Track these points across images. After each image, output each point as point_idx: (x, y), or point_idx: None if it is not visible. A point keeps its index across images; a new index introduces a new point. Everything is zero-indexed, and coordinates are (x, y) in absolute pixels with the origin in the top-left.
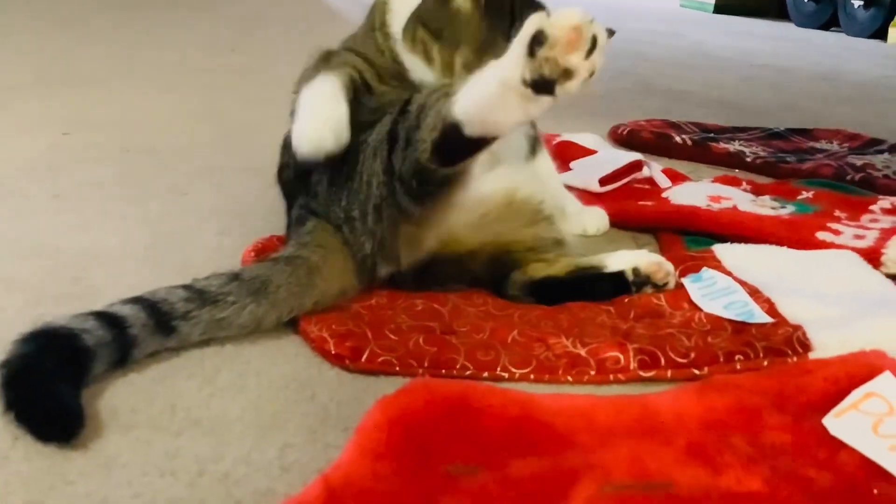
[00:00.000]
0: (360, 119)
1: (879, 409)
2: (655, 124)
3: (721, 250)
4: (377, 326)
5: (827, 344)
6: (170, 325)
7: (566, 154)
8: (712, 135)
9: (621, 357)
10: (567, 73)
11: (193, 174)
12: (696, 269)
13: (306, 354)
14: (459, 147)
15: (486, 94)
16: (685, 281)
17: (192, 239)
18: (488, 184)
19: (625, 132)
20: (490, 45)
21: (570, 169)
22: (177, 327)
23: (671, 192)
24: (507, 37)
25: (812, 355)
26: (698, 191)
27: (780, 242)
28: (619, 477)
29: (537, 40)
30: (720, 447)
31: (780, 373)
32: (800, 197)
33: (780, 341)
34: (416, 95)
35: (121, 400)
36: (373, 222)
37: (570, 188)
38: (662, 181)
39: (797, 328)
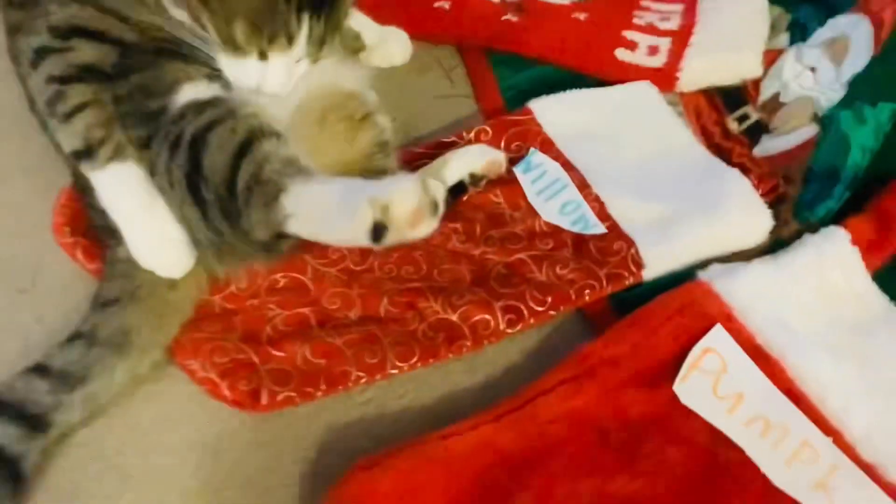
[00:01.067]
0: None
1: (716, 367)
2: None
3: (539, 110)
4: (255, 339)
5: (655, 261)
6: (45, 422)
7: None
8: None
9: (490, 320)
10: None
11: None
12: (521, 139)
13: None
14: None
15: (321, 226)
16: (517, 171)
17: None
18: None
19: None
20: (269, 12)
21: None
22: (53, 420)
23: None
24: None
25: (644, 273)
26: None
27: (582, 67)
28: None
29: (378, 229)
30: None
31: (632, 339)
32: None
33: (618, 263)
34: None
35: None
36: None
37: None
38: None
39: (630, 244)
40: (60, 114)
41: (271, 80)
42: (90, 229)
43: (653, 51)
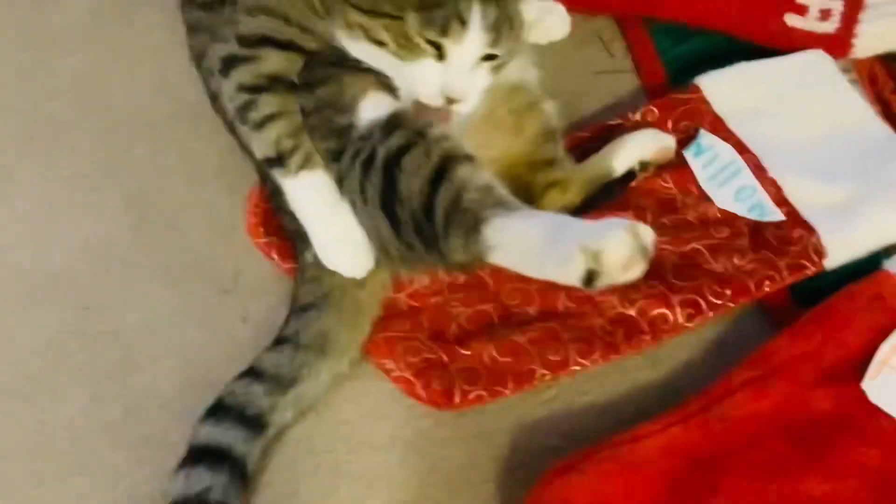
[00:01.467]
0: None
1: None
2: None
3: (708, 86)
4: (442, 337)
5: (837, 249)
6: (263, 423)
7: None
8: None
9: (669, 314)
10: None
11: None
12: (689, 119)
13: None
14: None
15: (524, 261)
16: (687, 156)
17: None
18: None
19: None
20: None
21: None
22: (271, 421)
23: None
24: None
25: (825, 262)
26: None
27: (749, 34)
28: None
29: (590, 276)
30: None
31: (818, 335)
32: None
33: (798, 252)
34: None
35: None
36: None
37: None
38: None
39: (811, 231)
40: (252, 122)
41: (458, 81)
42: (282, 229)
43: (825, 15)
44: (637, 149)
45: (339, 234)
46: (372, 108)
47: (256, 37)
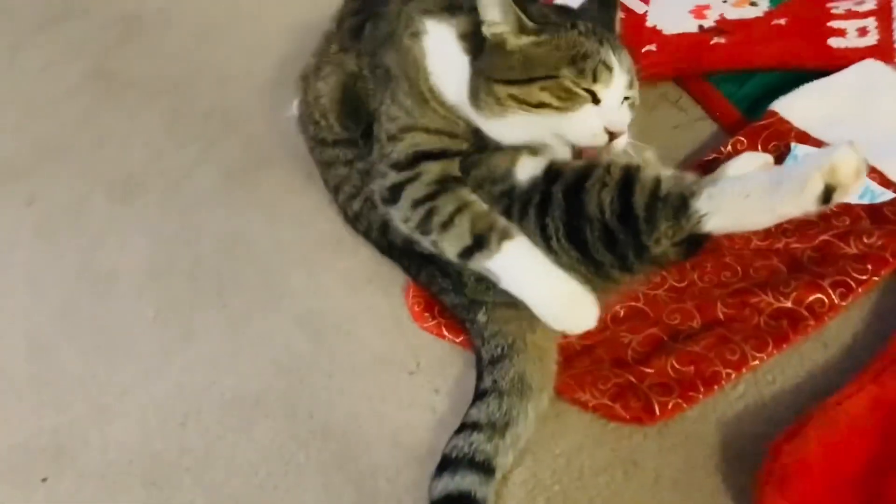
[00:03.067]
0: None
1: None
2: None
3: (784, 109)
4: (623, 363)
5: None
6: (490, 467)
7: None
8: None
9: (824, 297)
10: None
11: None
12: (776, 139)
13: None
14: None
15: (749, 213)
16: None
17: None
18: None
19: None
20: (581, 50)
21: None
22: (497, 464)
23: (656, 19)
24: (582, 33)
25: None
26: (677, 7)
27: (801, 64)
28: None
29: (828, 192)
30: None
31: None
32: None
33: None
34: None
35: None
36: None
37: None
38: (637, 5)
39: None
40: (438, 226)
41: (616, 117)
42: (444, 311)
43: (862, 32)
44: (742, 169)
45: (561, 291)
46: (529, 168)
47: (409, 157)
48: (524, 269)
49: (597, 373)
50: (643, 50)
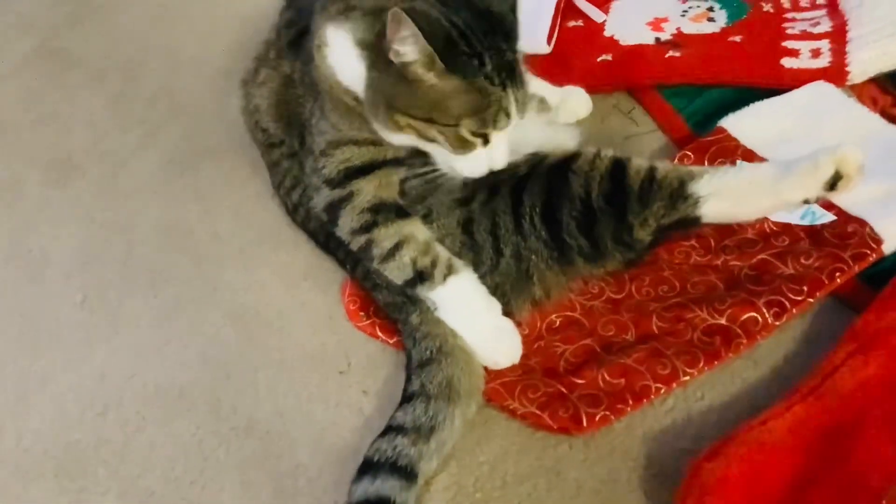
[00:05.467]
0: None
1: None
2: None
3: (732, 126)
4: (554, 373)
5: (891, 234)
6: (413, 473)
7: None
8: None
9: (758, 316)
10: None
11: None
12: (722, 155)
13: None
14: (681, 228)
15: (749, 198)
16: None
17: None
18: None
19: None
20: (485, 100)
21: None
22: (420, 470)
23: (613, 29)
24: (488, 76)
25: (884, 247)
26: (635, 18)
27: (753, 82)
28: None
29: (835, 179)
30: None
31: None
32: None
33: (857, 243)
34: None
35: None
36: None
37: None
38: (595, 14)
39: (863, 224)
40: (378, 258)
41: (499, 157)
42: (379, 311)
43: (815, 53)
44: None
45: (493, 327)
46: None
47: (341, 174)
48: (464, 303)
49: (527, 381)
50: (598, 59)
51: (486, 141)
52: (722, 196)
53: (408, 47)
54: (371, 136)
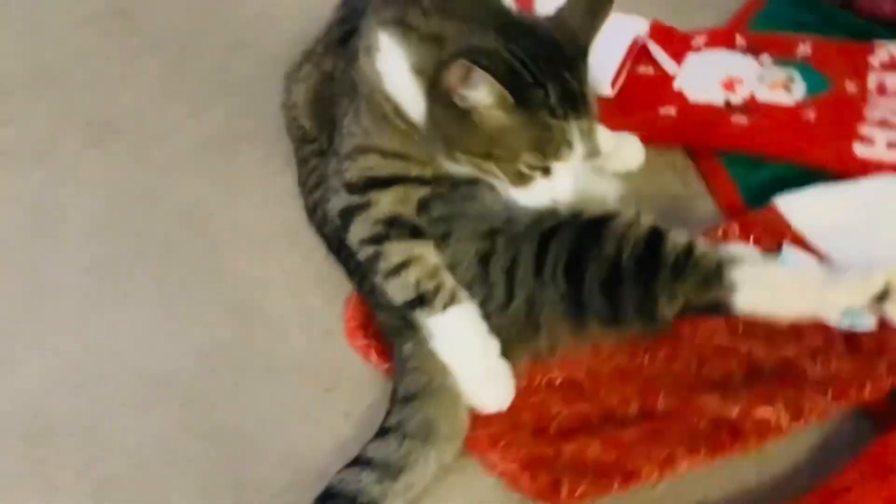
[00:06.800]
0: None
1: None
2: None
3: (786, 206)
4: (544, 434)
5: None
6: None
7: None
8: None
9: (771, 417)
10: None
11: None
12: (769, 236)
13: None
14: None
15: (789, 296)
16: None
17: None
18: None
19: None
20: (546, 133)
21: None
22: None
23: (683, 82)
24: (551, 108)
25: None
26: (708, 74)
27: (820, 163)
28: None
29: (885, 292)
30: None
31: None
32: (799, 53)
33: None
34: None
35: None
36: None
37: None
38: (668, 65)
39: None
40: (383, 272)
41: (563, 189)
42: (379, 334)
43: (892, 146)
44: None
45: (486, 367)
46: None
47: (361, 181)
48: (459, 335)
49: (514, 436)
50: (661, 112)
51: (546, 172)
52: (760, 288)
53: (479, 93)
54: (400, 148)
